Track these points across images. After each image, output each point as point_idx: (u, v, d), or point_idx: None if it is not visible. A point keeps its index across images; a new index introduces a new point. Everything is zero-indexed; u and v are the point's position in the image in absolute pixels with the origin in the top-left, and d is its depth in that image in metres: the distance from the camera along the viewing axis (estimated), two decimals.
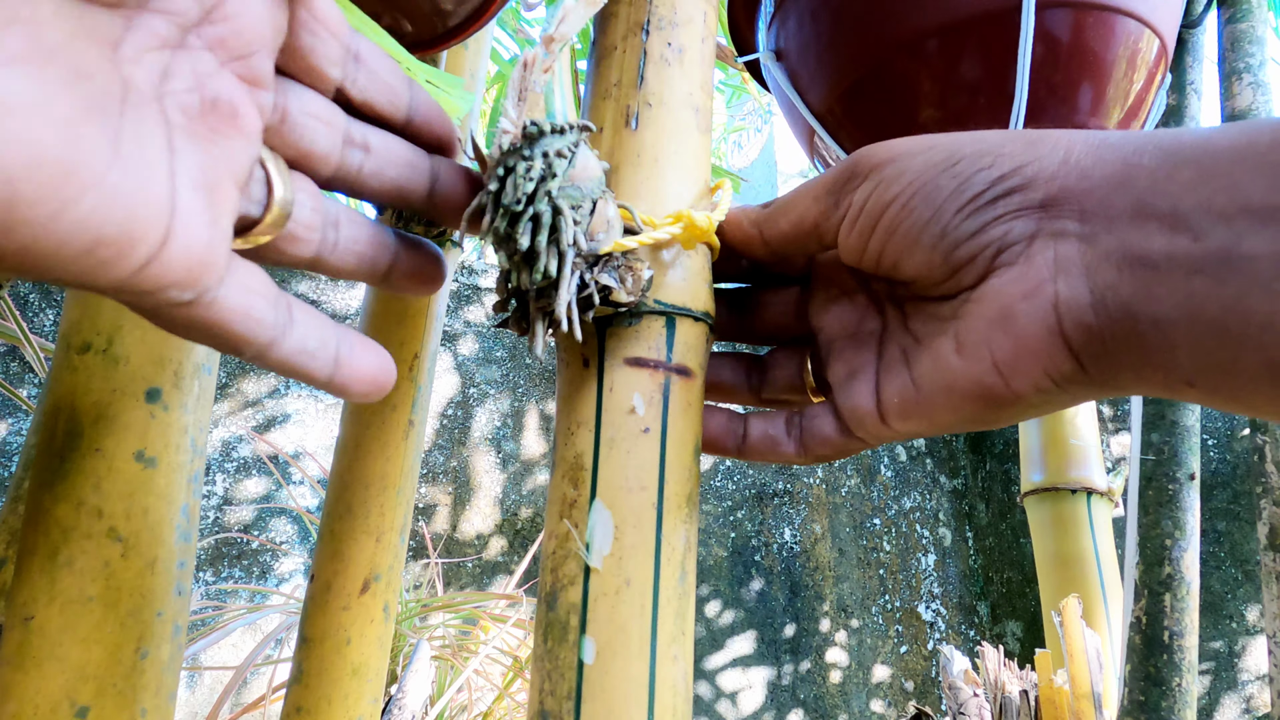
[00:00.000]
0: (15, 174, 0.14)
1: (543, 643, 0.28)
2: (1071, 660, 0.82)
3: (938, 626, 1.89)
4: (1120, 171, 0.22)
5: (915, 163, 0.25)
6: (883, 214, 0.26)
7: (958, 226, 0.24)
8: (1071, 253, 0.22)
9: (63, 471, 0.36)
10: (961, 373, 0.25)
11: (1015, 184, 0.24)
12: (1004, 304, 0.23)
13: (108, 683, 0.35)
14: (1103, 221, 0.22)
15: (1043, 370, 0.23)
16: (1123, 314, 0.22)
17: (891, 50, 0.55)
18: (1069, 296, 0.22)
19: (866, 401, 0.28)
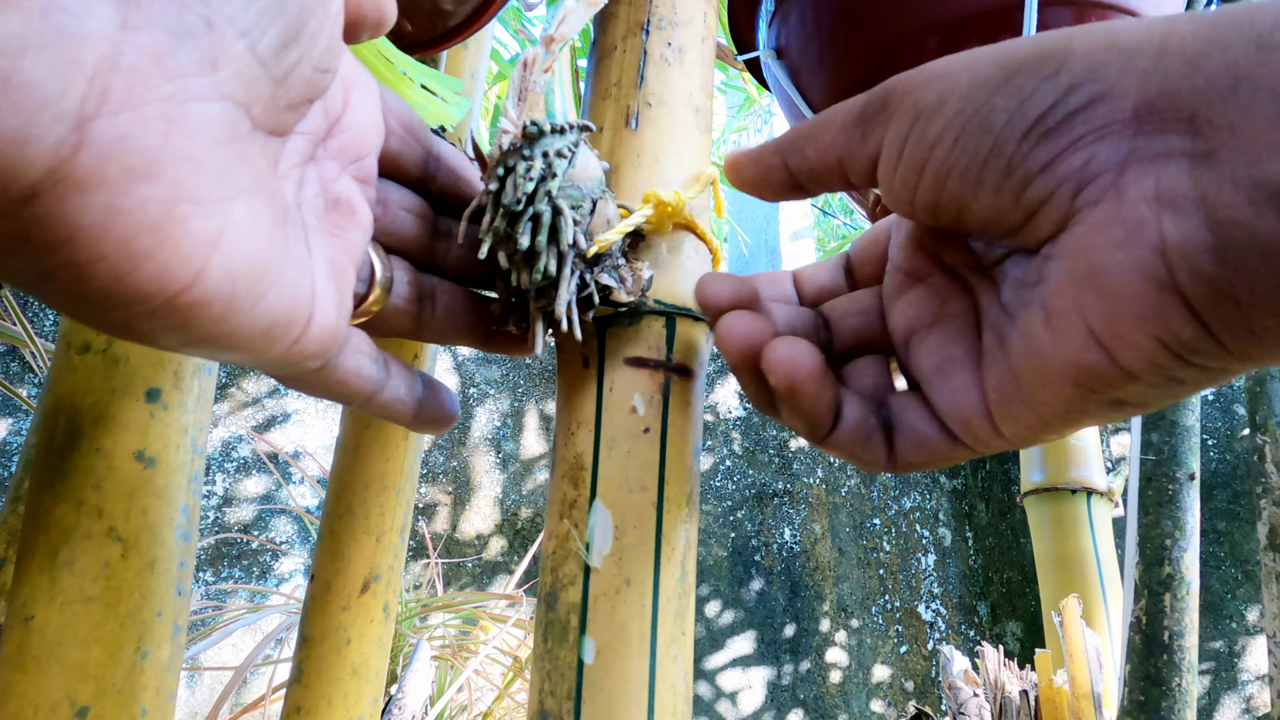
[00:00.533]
0: (238, 275, 0.17)
1: (543, 642, 0.28)
2: (1071, 660, 0.82)
3: (938, 626, 1.89)
4: (1253, 57, 0.16)
5: (960, 83, 0.20)
6: (929, 156, 0.20)
7: (1025, 157, 0.19)
8: (1180, 180, 0.17)
9: (63, 471, 0.36)
10: (1055, 352, 0.19)
11: (1094, 91, 0.18)
12: (1093, 257, 0.18)
13: (108, 683, 0.35)
14: (1225, 133, 0.16)
15: (1154, 339, 0.17)
16: (1259, 258, 0.16)
17: (893, 47, 0.55)
18: (1180, 240, 0.17)
19: (969, 398, 0.22)
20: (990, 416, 0.22)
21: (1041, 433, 0.21)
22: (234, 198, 0.17)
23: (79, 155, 0.14)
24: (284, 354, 0.20)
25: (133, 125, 0.15)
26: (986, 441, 0.23)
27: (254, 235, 0.18)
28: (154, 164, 0.15)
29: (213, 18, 0.16)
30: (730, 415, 1.84)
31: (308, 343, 0.21)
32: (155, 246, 0.16)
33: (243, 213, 0.17)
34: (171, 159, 0.15)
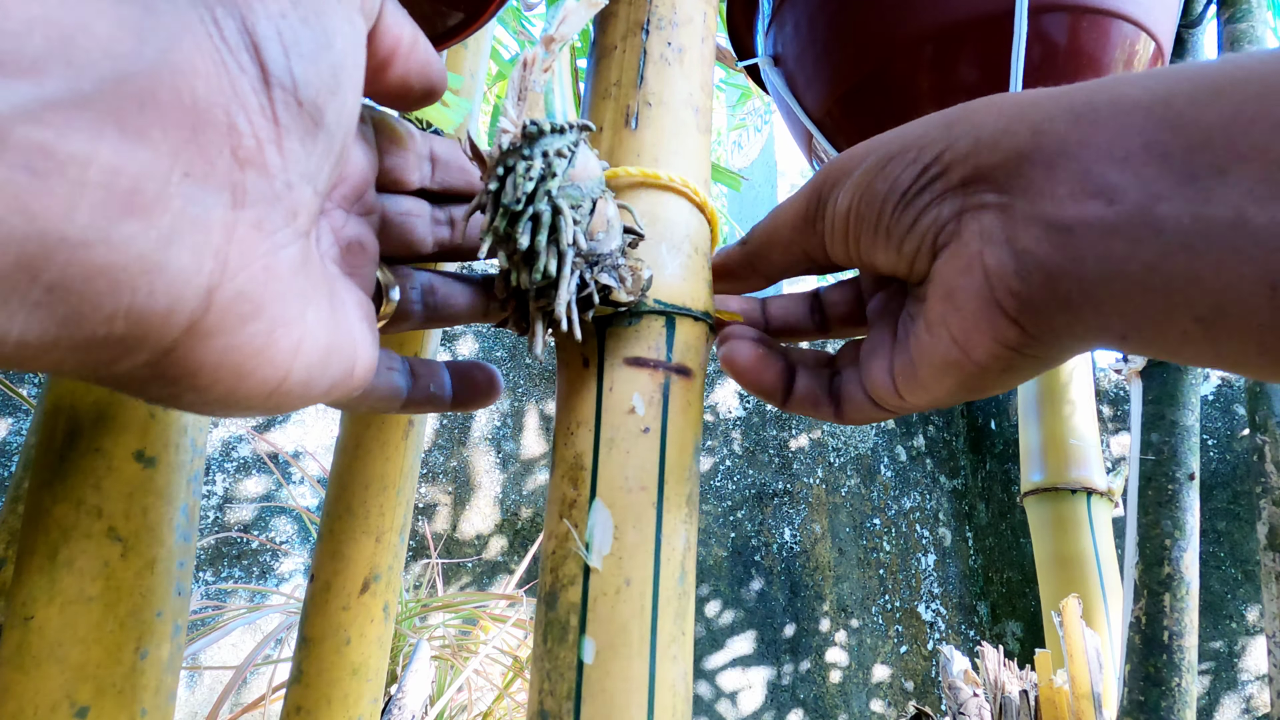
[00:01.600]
0: (313, 365, 0.21)
1: (542, 643, 0.28)
2: (1071, 660, 0.82)
3: (938, 626, 1.89)
4: (1028, 142, 0.23)
5: (858, 172, 0.27)
6: (846, 225, 0.28)
7: (897, 222, 0.26)
8: (992, 222, 0.23)
9: (62, 471, 0.36)
10: (931, 349, 0.26)
11: (936, 171, 0.25)
12: (947, 281, 0.25)
13: (107, 683, 0.35)
14: (1017, 191, 0.23)
15: (992, 339, 0.24)
16: (1044, 277, 0.22)
17: (888, 54, 0.55)
18: (996, 265, 0.23)
19: (883, 377, 0.29)
20: (896, 389, 0.29)
21: (929, 401, 0.28)
22: (307, 307, 0.21)
23: (208, 315, 0.18)
24: (337, 396, 0.24)
25: (245, 283, 0.19)
26: (896, 407, 0.30)
27: (321, 329, 0.22)
28: (259, 307, 0.19)
29: (291, 179, 0.19)
30: (730, 415, 1.84)
31: (356, 382, 0.24)
32: (256, 366, 0.20)
33: (313, 316, 0.21)
34: (270, 299, 0.19)
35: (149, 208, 0.16)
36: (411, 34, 0.24)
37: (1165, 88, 0.20)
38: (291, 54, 0.19)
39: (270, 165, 0.18)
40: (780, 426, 1.87)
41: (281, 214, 0.19)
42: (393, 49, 0.24)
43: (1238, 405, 1.81)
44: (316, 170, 0.20)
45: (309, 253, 0.21)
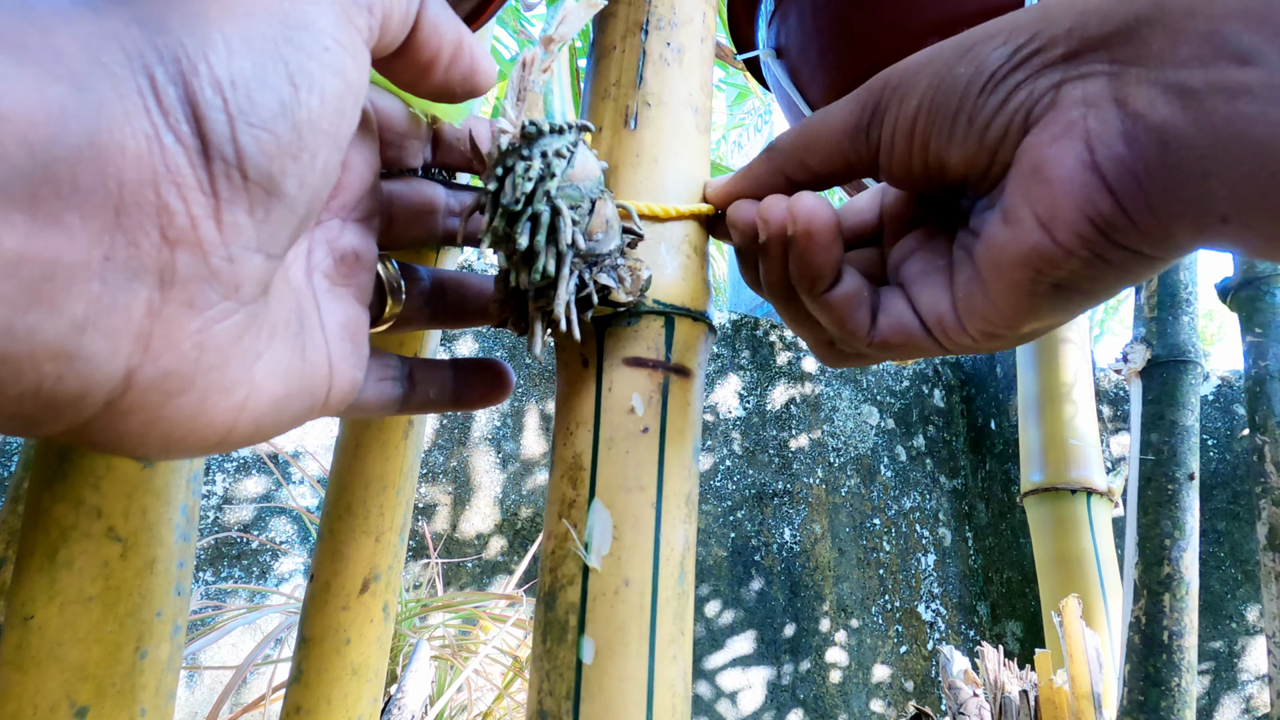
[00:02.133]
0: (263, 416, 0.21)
1: (541, 643, 0.28)
2: (1071, 660, 0.82)
3: (937, 626, 1.89)
4: (1149, 5, 0.21)
5: (929, 66, 0.25)
6: (913, 130, 0.25)
7: (983, 107, 0.24)
8: (1100, 88, 0.22)
9: (62, 471, 0.36)
10: (1008, 240, 0.24)
11: (1034, 47, 0.23)
12: (1036, 153, 0.23)
13: (107, 682, 0.35)
14: (1133, 56, 0.21)
15: (1083, 214, 0.22)
16: (1155, 140, 0.21)
17: (893, 47, 0.55)
18: (1099, 129, 0.21)
19: (942, 297, 0.27)
20: (957, 313, 0.26)
21: (998, 323, 0.25)
22: (256, 363, 0.20)
23: (127, 395, 0.18)
24: (314, 419, 0.24)
25: (171, 362, 0.18)
26: (954, 337, 0.27)
27: (274, 378, 0.21)
28: (188, 382, 0.18)
29: (232, 253, 0.18)
30: (730, 415, 1.84)
31: (331, 406, 0.24)
32: (189, 432, 0.19)
33: (264, 370, 0.20)
34: (203, 372, 0.19)
35: (58, 296, 0.16)
36: (453, 43, 0.23)
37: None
38: (238, 123, 0.17)
39: (206, 242, 0.18)
40: (780, 426, 1.87)
41: (220, 289, 0.18)
42: (431, 60, 0.23)
43: (1238, 405, 1.81)
44: (270, 238, 0.19)
45: (260, 313, 0.20)
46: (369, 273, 0.26)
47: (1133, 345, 0.80)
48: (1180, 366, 0.73)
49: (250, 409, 0.20)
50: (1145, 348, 0.77)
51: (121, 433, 0.18)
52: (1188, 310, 0.79)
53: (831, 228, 0.27)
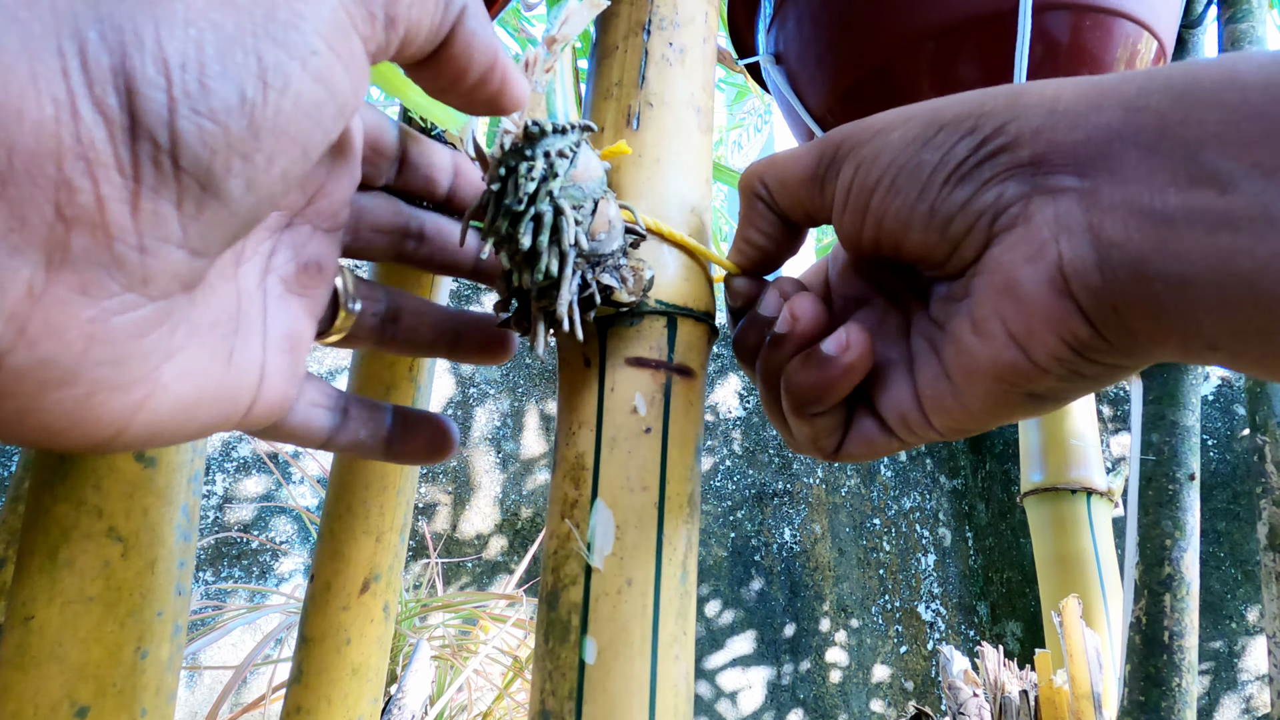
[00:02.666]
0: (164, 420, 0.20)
1: (544, 642, 0.28)
2: (1071, 660, 0.82)
3: (937, 626, 1.89)
4: (1120, 118, 0.20)
5: (893, 140, 0.24)
6: (870, 199, 0.24)
7: (946, 199, 0.23)
8: (1072, 209, 0.20)
9: (63, 471, 0.36)
10: (980, 352, 0.23)
11: (1000, 144, 0.22)
12: (1008, 271, 0.22)
13: (107, 683, 0.35)
14: (1104, 174, 0.20)
15: (1058, 337, 0.21)
16: (1132, 273, 0.19)
17: (891, 52, 0.55)
18: (1073, 256, 0.20)
19: (905, 397, 0.26)
20: (923, 411, 0.25)
21: (968, 423, 0.24)
22: (164, 362, 0.19)
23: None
24: (227, 429, 0.23)
25: (50, 350, 0.16)
26: (919, 434, 0.26)
27: (185, 381, 0.20)
28: (71, 375, 0.17)
29: (146, 243, 0.17)
30: (730, 415, 1.84)
31: (253, 420, 0.23)
32: (72, 427, 0.18)
33: (174, 371, 0.19)
34: (90, 365, 0.17)
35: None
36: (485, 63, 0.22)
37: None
38: (180, 107, 0.16)
39: (113, 226, 0.16)
40: None
41: (123, 279, 0.17)
42: (458, 76, 0.22)
43: (1238, 405, 1.81)
44: (200, 235, 0.17)
45: (177, 310, 0.19)
46: (327, 286, 0.25)
47: None
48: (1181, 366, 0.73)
49: (149, 410, 0.19)
50: None
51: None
52: None
53: (860, 371, 0.26)
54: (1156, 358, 0.21)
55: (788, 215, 0.29)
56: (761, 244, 0.29)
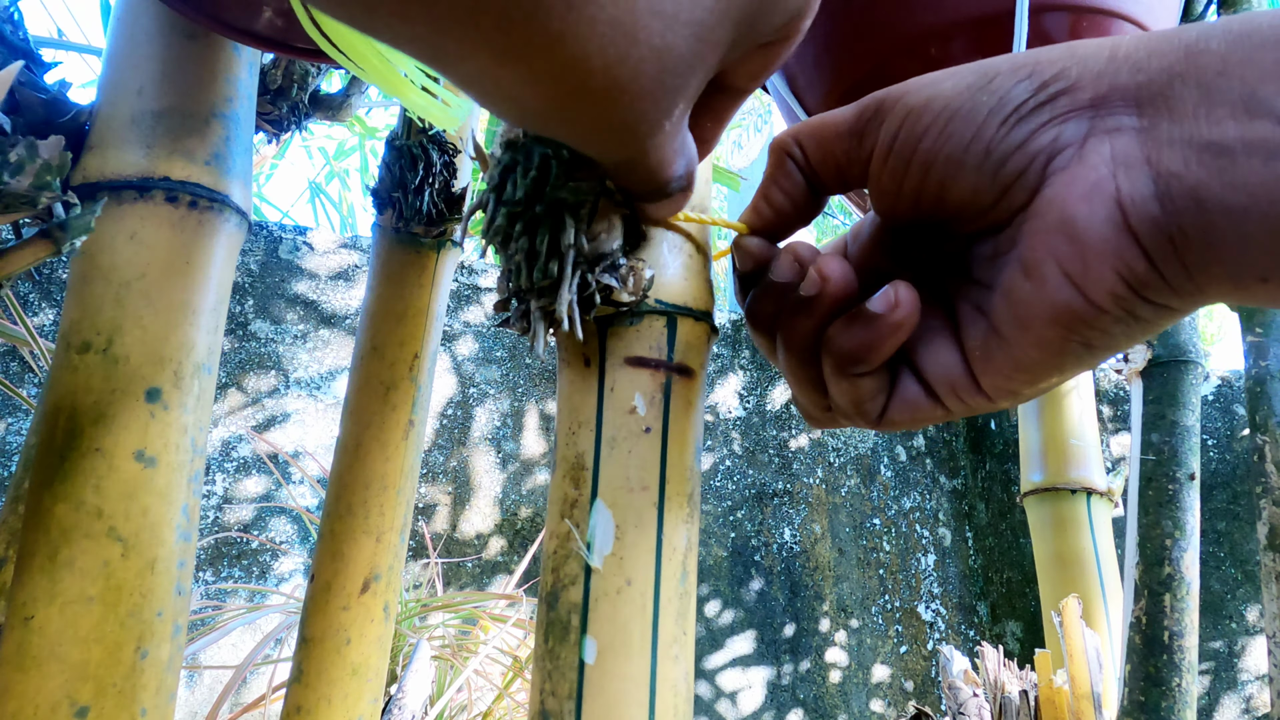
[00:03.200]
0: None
1: (544, 642, 0.28)
2: (1071, 660, 0.82)
3: (937, 626, 1.89)
4: (1181, 60, 0.21)
5: (945, 88, 0.24)
6: (917, 147, 0.24)
7: (1003, 139, 0.23)
8: (1130, 145, 0.21)
9: (63, 471, 0.36)
10: (1035, 297, 0.23)
11: (1060, 87, 0.22)
12: (1063, 208, 0.22)
13: (107, 682, 0.35)
14: (1164, 112, 0.21)
15: (1115, 273, 0.21)
16: (1191, 203, 0.20)
17: (888, 54, 0.55)
18: (1131, 190, 0.21)
19: (950, 359, 0.26)
20: (970, 372, 0.25)
21: (1018, 381, 0.24)
22: None
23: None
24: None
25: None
26: (965, 398, 0.26)
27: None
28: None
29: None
30: (730, 415, 1.84)
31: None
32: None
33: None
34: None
35: None
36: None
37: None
38: None
39: None
40: (780, 426, 1.87)
41: None
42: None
43: (1238, 405, 1.81)
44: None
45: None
46: None
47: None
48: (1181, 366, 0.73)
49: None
50: (1146, 348, 0.77)
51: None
52: None
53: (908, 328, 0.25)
54: (1209, 295, 0.21)
55: (819, 175, 0.28)
56: (782, 204, 0.29)
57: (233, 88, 0.43)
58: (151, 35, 0.42)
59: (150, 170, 0.39)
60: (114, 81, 0.41)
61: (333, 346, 1.51)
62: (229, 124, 0.42)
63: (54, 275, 1.36)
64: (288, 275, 1.51)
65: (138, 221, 0.39)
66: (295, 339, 1.49)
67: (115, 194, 0.39)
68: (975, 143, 0.23)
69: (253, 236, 1.52)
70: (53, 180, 0.35)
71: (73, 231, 0.36)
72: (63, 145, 0.36)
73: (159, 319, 0.38)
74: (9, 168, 0.34)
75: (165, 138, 0.40)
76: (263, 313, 1.47)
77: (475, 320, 1.64)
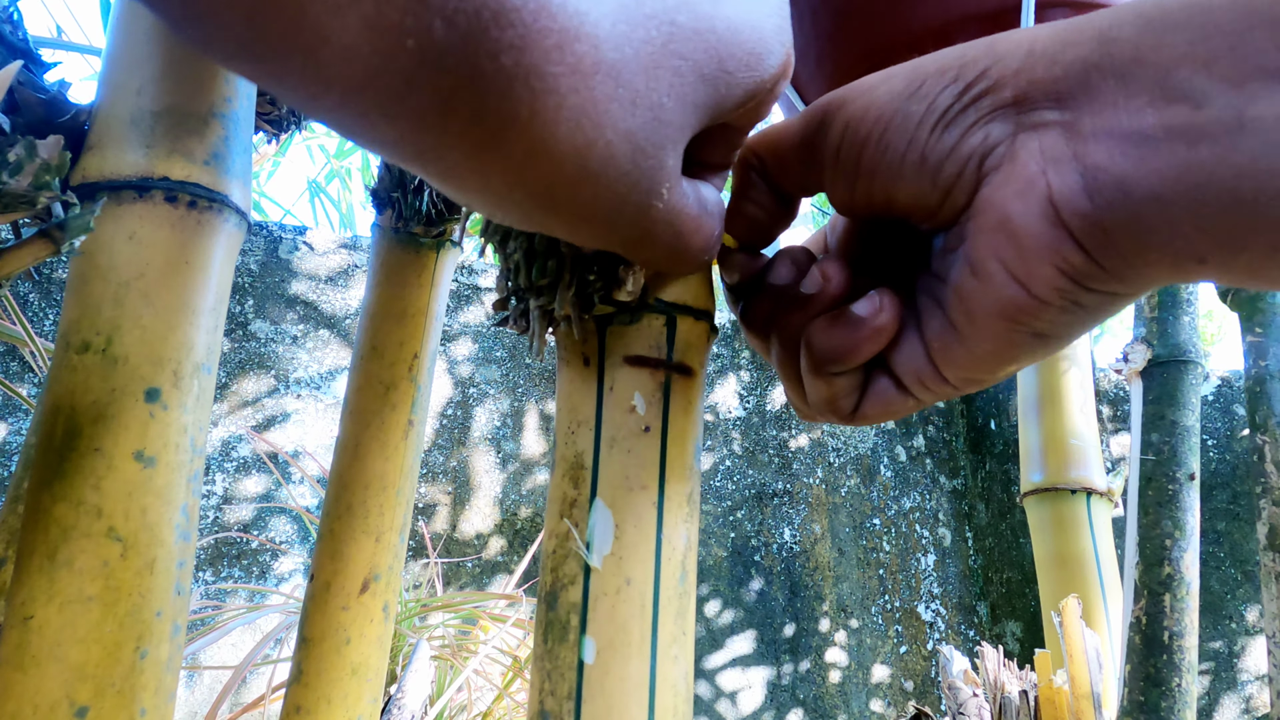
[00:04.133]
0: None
1: (543, 642, 0.28)
2: (1071, 660, 0.82)
3: (937, 626, 1.89)
4: (1095, 50, 0.21)
5: (879, 96, 0.25)
6: (860, 155, 0.25)
7: (935, 145, 0.23)
8: (1056, 140, 0.22)
9: (62, 471, 0.36)
10: (981, 294, 0.23)
11: (983, 88, 0.23)
12: (999, 208, 0.23)
13: (107, 682, 0.35)
14: (1083, 104, 0.21)
15: (1054, 267, 0.22)
16: (1118, 194, 0.20)
17: (891, 50, 0.55)
18: (1061, 185, 0.21)
19: (915, 351, 0.26)
20: (934, 364, 0.26)
21: (978, 371, 0.25)
22: None
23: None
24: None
25: None
26: (934, 389, 0.26)
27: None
28: None
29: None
30: (730, 415, 1.84)
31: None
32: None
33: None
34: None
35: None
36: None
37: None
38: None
39: None
40: (780, 426, 1.87)
41: None
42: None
43: (1238, 405, 1.81)
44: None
45: None
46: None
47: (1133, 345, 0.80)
48: (1181, 366, 0.73)
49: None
50: (1146, 348, 0.77)
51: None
52: (1188, 310, 0.79)
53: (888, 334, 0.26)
54: (1151, 280, 0.22)
55: (780, 185, 0.29)
56: (756, 215, 0.29)
57: (232, 87, 0.43)
58: (151, 35, 0.42)
59: (149, 170, 0.39)
60: (113, 81, 0.41)
61: (332, 346, 1.51)
62: (228, 123, 0.42)
63: (54, 275, 1.36)
64: (287, 275, 1.51)
65: (137, 221, 0.39)
66: (295, 339, 1.49)
67: (114, 194, 0.39)
68: (910, 151, 0.24)
69: (252, 236, 1.51)
70: (52, 180, 0.35)
71: (72, 231, 0.36)
72: (62, 145, 0.36)
73: (158, 319, 0.38)
74: (8, 167, 0.34)
75: (164, 137, 0.40)
76: (262, 313, 1.47)
77: (475, 320, 1.64)
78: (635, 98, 0.19)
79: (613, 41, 0.18)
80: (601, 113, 0.18)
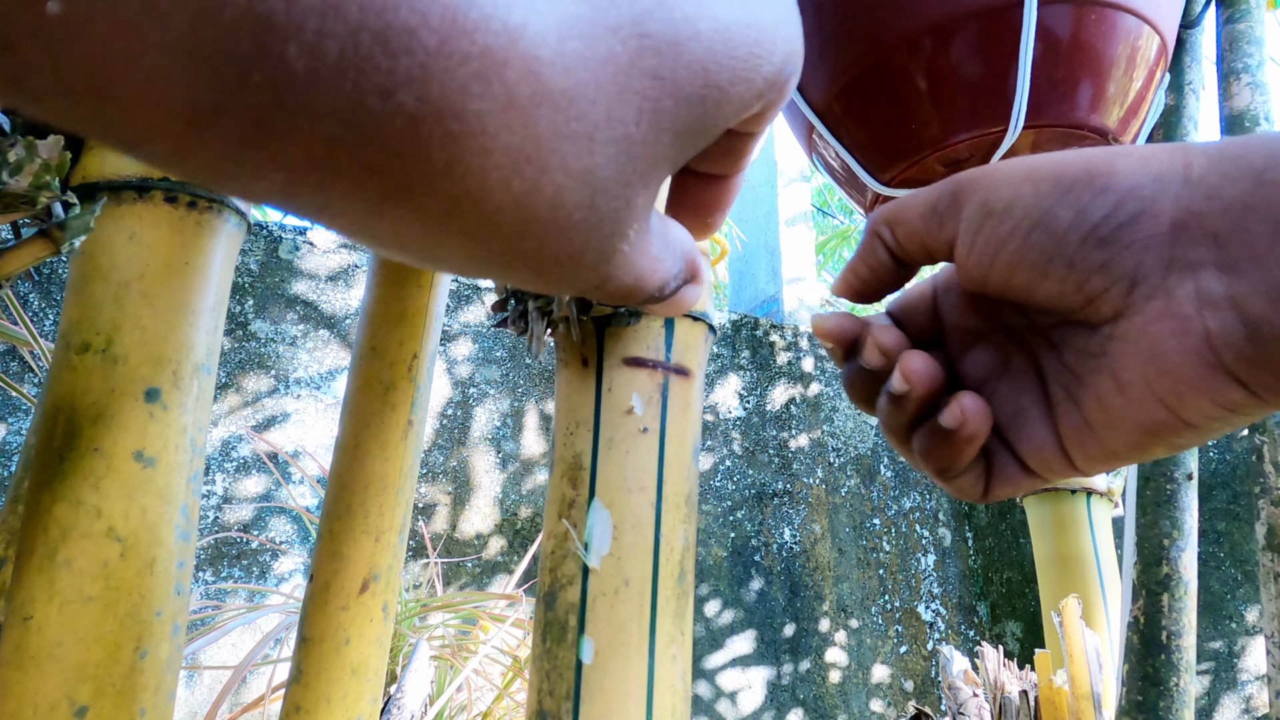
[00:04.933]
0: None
1: (541, 642, 0.28)
2: (1071, 660, 0.82)
3: (937, 626, 1.89)
4: (1252, 190, 0.21)
5: (1024, 192, 0.25)
6: (1001, 249, 0.25)
7: (1086, 257, 0.23)
8: (1214, 285, 0.22)
9: (62, 471, 0.36)
10: (1128, 412, 0.24)
11: (1136, 209, 0.23)
12: (1154, 343, 0.23)
13: (106, 682, 0.35)
14: (1240, 247, 0.21)
15: (1212, 402, 0.22)
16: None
17: (892, 46, 0.55)
18: (1221, 331, 0.21)
19: (1046, 441, 0.27)
20: (1065, 454, 0.26)
21: (1113, 463, 0.25)
22: None
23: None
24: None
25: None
26: (1062, 472, 0.27)
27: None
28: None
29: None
30: (730, 415, 1.84)
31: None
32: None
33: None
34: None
35: None
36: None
37: None
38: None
39: None
40: (780, 426, 1.87)
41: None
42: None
43: None
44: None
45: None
46: None
47: None
48: None
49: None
50: None
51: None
52: None
53: (981, 437, 0.26)
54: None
55: (907, 254, 0.29)
56: (867, 277, 0.30)
57: None
58: None
59: (149, 170, 0.39)
60: None
61: (332, 346, 1.51)
62: None
63: (54, 275, 1.36)
64: (287, 275, 1.51)
65: (136, 222, 0.39)
66: (295, 339, 1.49)
67: (114, 194, 0.39)
68: (1058, 256, 0.24)
69: (252, 236, 1.52)
70: (52, 180, 0.36)
71: (72, 231, 0.37)
72: (62, 145, 0.36)
73: (158, 319, 0.38)
74: (8, 167, 0.34)
75: None
76: (262, 313, 1.48)
77: (475, 320, 1.64)
78: (593, 131, 0.15)
79: (561, 64, 0.14)
80: (548, 153, 0.15)
